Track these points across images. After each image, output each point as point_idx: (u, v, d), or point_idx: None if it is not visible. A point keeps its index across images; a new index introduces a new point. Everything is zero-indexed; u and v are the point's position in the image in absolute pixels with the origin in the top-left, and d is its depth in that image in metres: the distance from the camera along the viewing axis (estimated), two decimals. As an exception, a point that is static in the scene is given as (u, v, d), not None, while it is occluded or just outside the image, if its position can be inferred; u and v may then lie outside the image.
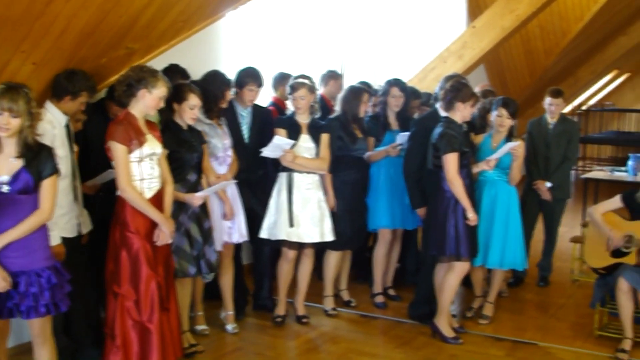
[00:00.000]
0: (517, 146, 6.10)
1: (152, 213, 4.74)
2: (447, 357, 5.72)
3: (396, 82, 6.77)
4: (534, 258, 7.81)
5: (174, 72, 5.90)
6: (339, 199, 6.32)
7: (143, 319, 4.71)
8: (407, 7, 10.56)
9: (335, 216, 6.24)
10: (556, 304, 7.19)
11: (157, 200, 4.83)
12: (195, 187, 5.34)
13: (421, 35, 10.76)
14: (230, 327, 6.07)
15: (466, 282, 6.85)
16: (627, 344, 5.83)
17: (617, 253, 5.92)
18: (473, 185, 6.02)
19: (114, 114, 5.30)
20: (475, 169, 6.08)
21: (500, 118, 6.24)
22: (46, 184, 4.07)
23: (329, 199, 6.24)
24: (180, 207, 5.23)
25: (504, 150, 6.06)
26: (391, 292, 7.10)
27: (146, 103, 4.74)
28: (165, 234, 4.79)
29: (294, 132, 6.02)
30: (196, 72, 6.13)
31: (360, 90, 6.48)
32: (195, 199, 5.23)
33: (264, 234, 6.07)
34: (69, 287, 4.27)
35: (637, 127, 18.97)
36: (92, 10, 4.60)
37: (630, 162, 10.26)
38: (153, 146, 4.79)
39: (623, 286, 5.74)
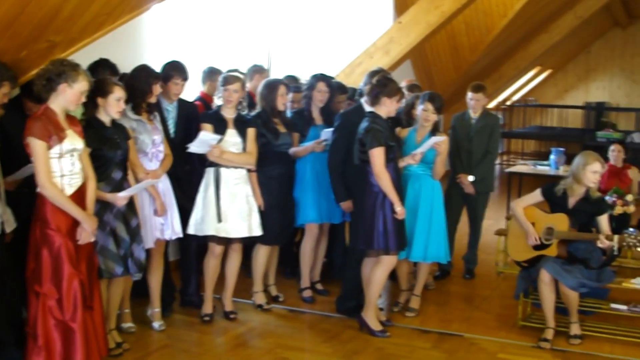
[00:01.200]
0: (441, 141, 6.17)
1: (74, 210, 4.64)
2: (374, 350, 5.76)
3: (322, 77, 6.77)
4: (459, 251, 7.93)
5: (104, 67, 5.81)
6: (265, 194, 6.30)
7: (66, 318, 4.62)
8: (334, 2, 10.57)
9: (262, 211, 6.22)
10: (481, 296, 7.31)
11: (78, 197, 4.74)
12: (120, 186, 5.24)
13: (348, 30, 10.79)
14: (157, 324, 6.00)
15: (392, 275, 6.91)
16: (549, 333, 5.96)
17: (538, 245, 6.04)
18: (400, 179, 6.07)
19: (29, 110, 5.19)
20: (401, 163, 6.13)
21: (425, 112, 6.30)
22: None
23: (257, 197, 6.21)
24: (104, 206, 5.13)
25: (429, 145, 6.13)
26: (319, 286, 7.11)
27: (67, 98, 4.65)
28: (87, 232, 4.71)
29: (220, 127, 5.97)
30: (120, 66, 6.04)
31: (276, 84, 6.42)
32: (118, 199, 5.13)
33: (191, 229, 6.01)
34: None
35: (559, 122, 19.38)
36: (11, 0, 4.48)
37: (552, 156, 10.51)
38: (73, 142, 4.70)
39: (545, 277, 5.86)
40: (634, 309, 6.27)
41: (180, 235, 5.94)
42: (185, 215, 6.01)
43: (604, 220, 5.93)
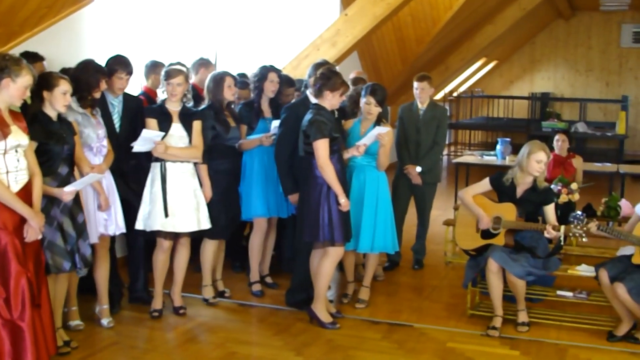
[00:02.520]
0: (384, 133, 6.18)
1: (20, 207, 4.57)
2: (325, 342, 5.76)
3: (273, 68, 6.77)
4: (408, 242, 7.98)
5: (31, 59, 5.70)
6: (212, 188, 6.26)
7: (14, 317, 4.54)
8: (281, -6, 10.56)
9: (210, 205, 6.18)
10: (430, 286, 7.36)
11: (25, 193, 4.66)
12: (66, 181, 5.16)
13: (295, 22, 10.76)
14: (105, 321, 5.92)
15: (342, 267, 6.94)
16: (497, 322, 6.03)
17: (486, 234, 6.11)
18: (345, 171, 6.07)
19: None
20: (346, 155, 6.14)
21: (368, 105, 6.31)
22: None
23: (206, 190, 6.17)
24: (51, 201, 5.05)
25: (373, 136, 6.14)
26: (268, 280, 7.09)
27: (10, 93, 4.57)
28: (34, 229, 4.63)
29: (164, 121, 5.92)
30: (62, 61, 5.96)
31: (222, 76, 6.38)
32: (64, 194, 5.06)
33: (139, 225, 5.95)
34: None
35: (505, 113, 19.58)
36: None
37: (498, 147, 10.63)
38: (18, 137, 4.61)
39: (492, 266, 5.92)
40: (579, 295, 6.39)
41: (124, 230, 5.88)
42: (132, 210, 5.96)
43: (550, 210, 6.01)
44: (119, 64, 5.95)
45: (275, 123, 6.54)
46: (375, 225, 6.36)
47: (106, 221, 5.70)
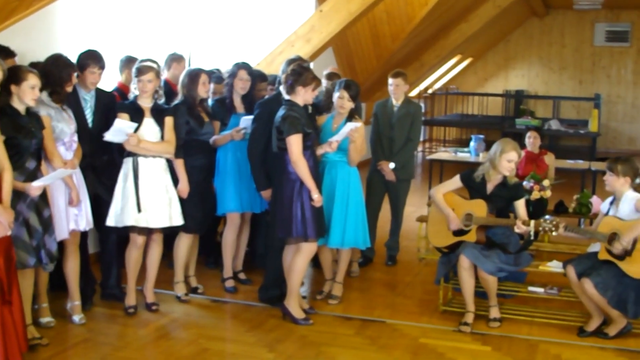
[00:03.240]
0: (355, 129, 6.18)
1: (-11, 203, 4.53)
2: (298, 338, 5.77)
3: (244, 65, 6.74)
4: (381, 238, 8.00)
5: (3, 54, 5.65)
6: (188, 183, 6.24)
7: (-16, 314, 4.50)
8: (255, -10, 10.53)
9: (184, 200, 6.17)
10: (403, 282, 7.38)
11: (-6, 188, 4.61)
12: (34, 175, 5.12)
13: (269, 18, 10.74)
14: (76, 317, 5.88)
15: (317, 263, 6.94)
16: (469, 317, 6.07)
17: (458, 231, 6.14)
18: (318, 167, 6.08)
19: None
20: (319, 151, 6.14)
21: (341, 100, 6.31)
22: None
23: (183, 186, 6.16)
24: (18, 195, 4.99)
25: (345, 132, 6.15)
26: (241, 276, 7.08)
27: (-21, 88, 4.52)
28: (3, 225, 4.60)
29: (136, 117, 5.89)
30: (33, 56, 5.91)
31: (197, 72, 6.37)
32: (32, 189, 5.01)
33: (111, 221, 5.92)
34: None
35: (479, 110, 19.66)
36: None
37: (472, 143, 10.68)
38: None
39: (464, 263, 5.96)
40: (550, 291, 6.44)
41: (92, 226, 5.86)
42: (104, 206, 5.93)
43: (520, 205, 6.05)
44: (91, 59, 5.91)
45: (245, 117, 6.53)
46: (346, 220, 6.37)
47: (77, 216, 5.67)
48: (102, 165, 6.08)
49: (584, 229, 6.11)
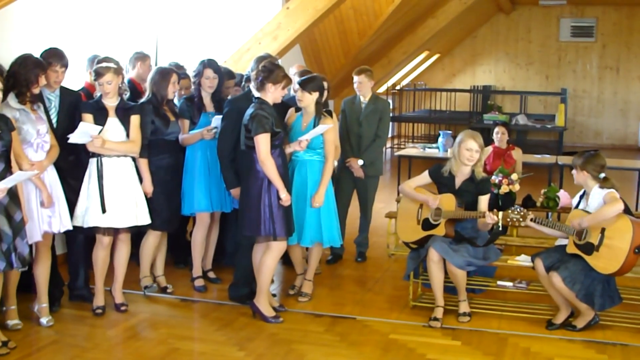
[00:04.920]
0: (327, 130, 6.19)
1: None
2: (268, 336, 5.75)
3: (210, 64, 6.70)
4: (351, 235, 8.00)
5: None
6: (155, 182, 6.21)
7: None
8: (222, -13, 10.48)
9: (151, 199, 6.14)
10: (373, 278, 7.39)
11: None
12: (2, 178, 5.04)
13: (236, 15, 10.70)
14: (44, 320, 5.81)
15: (286, 260, 6.93)
16: (439, 312, 6.08)
17: (426, 226, 6.15)
18: (286, 165, 6.06)
19: None
20: (288, 150, 6.13)
21: (301, 94, 6.25)
22: None
23: (146, 185, 6.13)
24: (-15, 199, 4.95)
25: (316, 132, 6.14)
26: (211, 274, 7.06)
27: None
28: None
29: (101, 117, 5.85)
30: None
31: (168, 72, 6.35)
32: None
33: (77, 221, 5.87)
34: None
35: (447, 106, 19.78)
36: None
37: (440, 139, 10.72)
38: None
39: (433, 256, 5.97)
40: (518, 285, 6.48)
41: (70, 227, 5.81)
42: (71, 207, 5.87)
43: (483, 200, 6.10)
44: (53, 57, 5.84)
45: (216, 116, 6.50)
46: (319, 218, 6.36)
47: (50, 218, 5.62)
48: (67, 166, 6.01)
49: (552, 221, 6.15)
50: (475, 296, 6.60)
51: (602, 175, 5.90)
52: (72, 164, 6.06)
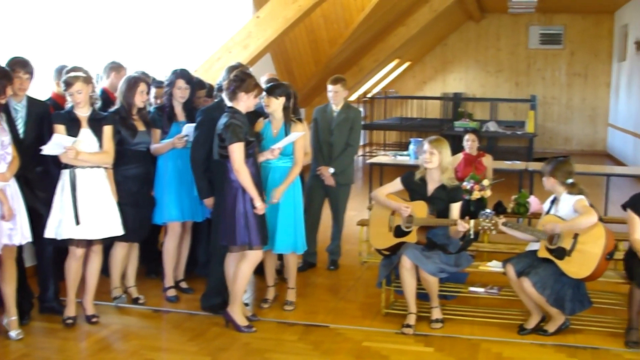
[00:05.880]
0: (298, 138, 6.22)
1: None
2: (241, 346, 5.74)
3: (182, 74, 6.68)
4: (323, 243, 8.00)
5: None
6: (121, 192, 6.16)
7: None
8: (192, -3, 10.46)
9: (119, 209, 6.10)
10: (346, 287, 7.40)
11: None
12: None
13: (206, 25, 10.68)
14: (14, 333, 5.74)
15: (259, 270, 6.91)
16: (411, 319, 6.10)
17: (398, 233, 6.17)
18: (260, 174, 6.06)
19: None
20: (261, 158, 6.13)
21: (267, 100, 6.26)
22: None
23: (112, 194, 6.09)
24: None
25: (288, 140, 6.15)
26: (183, 285, 7.02)
27: None
28: None
29: (73, 127, 5.80)
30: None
31: (135, 80, 6.32)
32: None
33: (49, 233, 5.82)
34: None
35: (419, 113, 19.87)
36: None
37: (411, 147, 10.75)
38: None
39: (406, 263, 5.99)
40: (490, 291, 6.53)
41: (30, 239, 5.74)
42: (39, 219, 5.82)
43: (455, 208, 6.12)
44: (17, 64, 5.79)
45: (188, 125, 6.49)
46: (294, 226, 6.37)
47: (11, 231, 5.54)
48: (35, 177, 5.96)
49: (524, 225, 6.20)
50: (448, 302, 6.63)
51: (570, 180, 5.96)
52: (40, 175, 6.01)
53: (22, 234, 5.64)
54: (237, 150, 5.72)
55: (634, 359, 5.61)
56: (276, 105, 6.25)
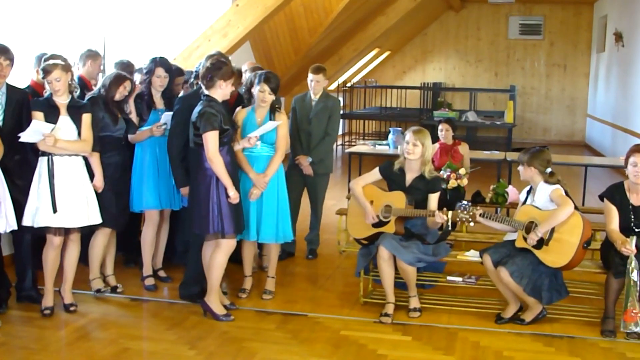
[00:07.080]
0: (280, 125, 6.20)
1: None
2: (219, 334, 5.73)
3: (162, 62, 6.66)
4: (302, 232, 8.01)
5: None
6: (104, 179, 6.14)
7: None
8: (171, -16, 10.40)
9: (99, 196, 6.08)
10: (324, 276, 7.41)
11: None
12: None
13: (185, 13, 10.63)
14: (-10, 322, 5.74)
15: (236, 259, 6.90)
16: (389, 308, 6.12)
17: (377, 223, 6.18)
18: (235, 163, 6.04)
19: None
20: (237, 147, 6.11)
21: (262, 93, 6.27)
22: None
23: (98, 180, 6.07)
24: None
25: (267, 128, 6.14)
26: (161, 273, 7.01)
27: None
28: None
29: (52, 115, 5.76)
30: None
31: (123, 78, 6.32)
32: None
33: (27, 221, 5.78)
34: None
35: (398, 103, 19.86)
36: None
37: (391, 136, 10.76)
38: None
39: (383, 254, 6.00)
40: (468, 280, 6.56)
41: (15, 227, 5.71)
42: (18, 207, 5.77)
43: (433, 199, 6.14)
44: None
45: (166, 113, 6.46)
46: (278, 214, 6.37)
47: None
48: (13, 166, 5.91)
49: (501, 216, 6.23)
50: (425, 291, 6.66)
51: (549, 170, 6.00)
52: (18, 164, 5.96)
53: (6, 221, 5.60)
54: (211, 139, 5.70)
55: (610, 347, 5.66)
56: (271, 100, 6.27)
